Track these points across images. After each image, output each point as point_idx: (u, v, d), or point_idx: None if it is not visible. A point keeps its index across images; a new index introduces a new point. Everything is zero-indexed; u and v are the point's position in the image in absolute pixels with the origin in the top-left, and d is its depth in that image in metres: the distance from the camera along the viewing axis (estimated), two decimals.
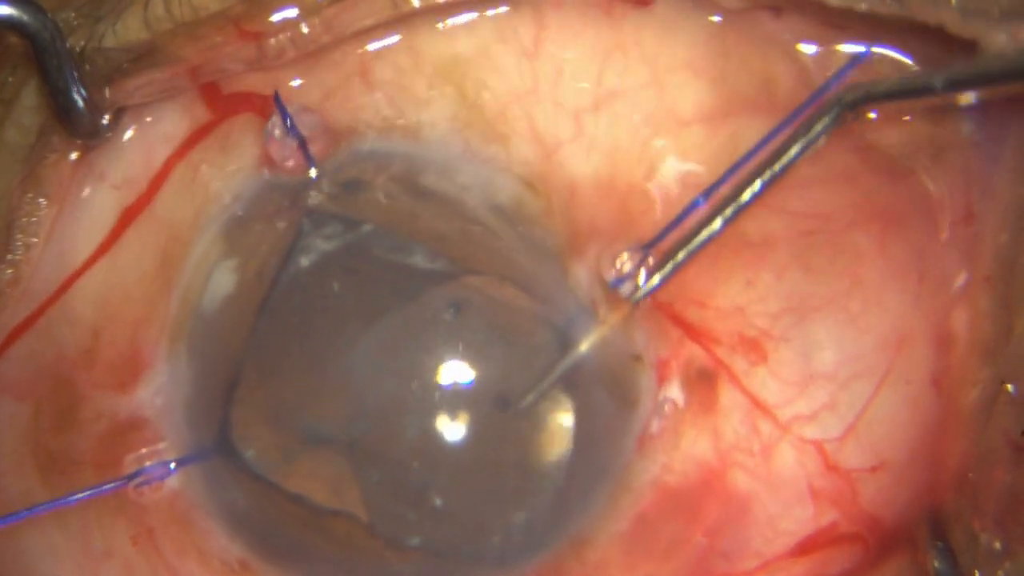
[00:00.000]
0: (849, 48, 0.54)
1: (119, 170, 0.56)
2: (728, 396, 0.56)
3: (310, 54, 0.53)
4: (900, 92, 0.50)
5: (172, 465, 0.56)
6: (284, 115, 0.54)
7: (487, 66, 0.55)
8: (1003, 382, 0.51)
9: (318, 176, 0.56)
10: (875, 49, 0.53)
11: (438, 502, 0.56)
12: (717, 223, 0.54)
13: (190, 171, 0.56)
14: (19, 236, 0.53)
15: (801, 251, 0.56)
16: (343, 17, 0.52)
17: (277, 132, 0.55)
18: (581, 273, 0.56)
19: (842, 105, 0.51)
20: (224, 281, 0.57)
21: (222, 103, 0.56)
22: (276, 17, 0.50)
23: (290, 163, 0.56)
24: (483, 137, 0.56)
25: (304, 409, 0.56)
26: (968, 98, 0.47)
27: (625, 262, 0.55)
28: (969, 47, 0.49)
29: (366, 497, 0.56)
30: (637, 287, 0.55)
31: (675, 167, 0.56)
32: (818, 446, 0.56)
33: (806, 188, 0.55)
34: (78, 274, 0.56)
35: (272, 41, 0.51)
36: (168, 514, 0.57)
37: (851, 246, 0.56)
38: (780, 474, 0.56)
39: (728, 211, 0.54)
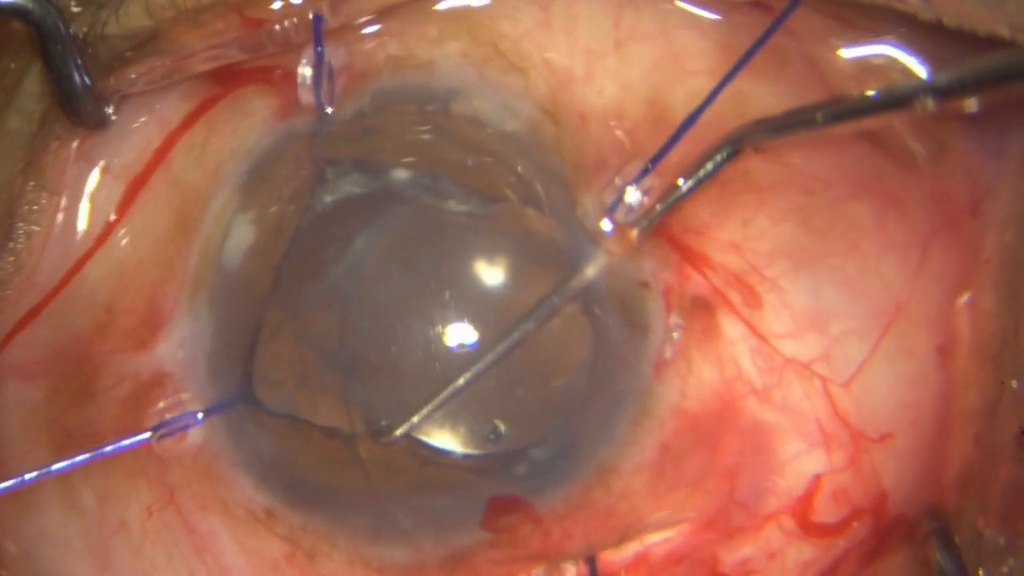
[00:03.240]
0: (853, 51, 0.54)
1: (122, 156, 0.56)
2: (728, 325, 0.57)
3: None
4: (784, 125, 0.52)
5: (200, 415, 0.57)
6: (318, 41, 0.53)
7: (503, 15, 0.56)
8: (1008, 379, 0.50)
9: (335, 119, 0.56)
10: (881, 49, 0.53)
11: (462, 429, 0.58)
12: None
13: (202, 131, 0.56)
14: (21, 225, 0.53)
15: (800, 206, 0.56)
16: (352, 1, 0.52)
17: (308, 69, 0.54)
18: (589, 202, 0.57)
19: (732, 142, 0.54)
20: (244, 234, 0.57)
21: (231, 79, 0.56)
22: (279, 3, 0.51)
23: (309, 101, 0.55)
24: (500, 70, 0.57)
25: (326, 346, 0.57)
26: (971, 105, 0.47)
27: (629, 190, 0.56)
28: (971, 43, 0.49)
29: (389, 424, 0.58)
30: (640, 214, 0.56)
31: (682, 109, 0.56)
32: (823, 383, 0.56)
33: (812, 150, 0.56)
34: (83, 262, 0.56)
35: (276, 28, 0.51)
36: (191, 469, 0.57)
37: (851, 215, 0.56)
38: (788, 407, 0.57)
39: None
